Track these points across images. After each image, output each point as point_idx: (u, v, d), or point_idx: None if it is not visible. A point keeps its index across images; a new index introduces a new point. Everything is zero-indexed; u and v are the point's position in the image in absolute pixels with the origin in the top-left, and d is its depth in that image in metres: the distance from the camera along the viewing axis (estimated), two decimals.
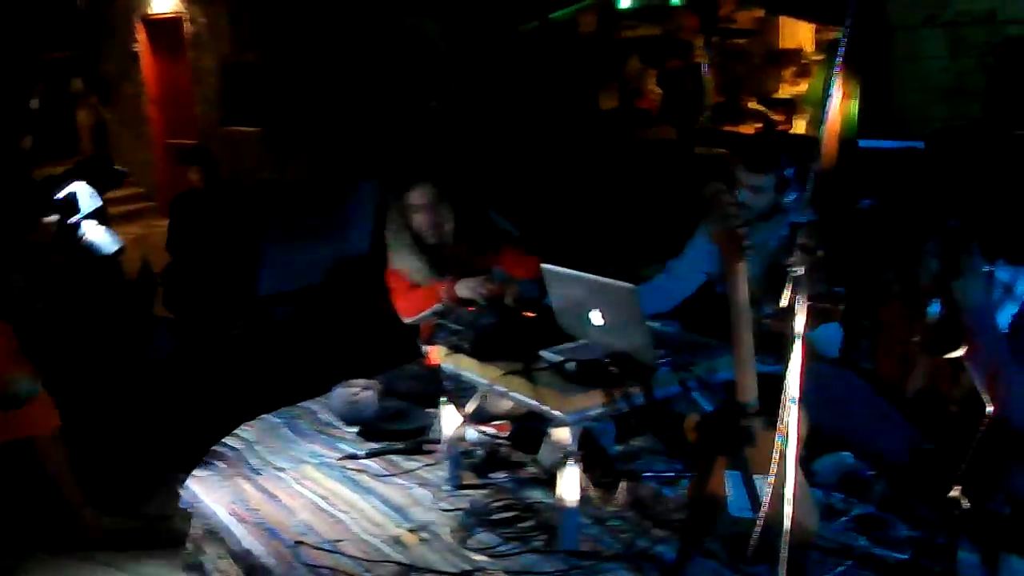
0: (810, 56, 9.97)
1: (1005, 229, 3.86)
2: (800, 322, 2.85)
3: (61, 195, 4.88)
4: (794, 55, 10.25)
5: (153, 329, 7.06)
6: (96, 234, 4.95)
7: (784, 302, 2.87)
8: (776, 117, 9.77)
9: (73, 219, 4.90)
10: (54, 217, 4.87)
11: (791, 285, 2.86)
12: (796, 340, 2.85)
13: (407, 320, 4.82)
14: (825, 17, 7.92)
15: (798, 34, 10.14)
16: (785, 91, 10.16)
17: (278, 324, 7.18)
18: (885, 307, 4.16)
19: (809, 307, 3.54)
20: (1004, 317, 3.78)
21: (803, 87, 9.67)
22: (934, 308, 3.67)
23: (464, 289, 4.54)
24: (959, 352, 3.36)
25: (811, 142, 3.16)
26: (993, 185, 5.04)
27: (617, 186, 8.31)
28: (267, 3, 11.95)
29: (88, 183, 4.99)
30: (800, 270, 2.86)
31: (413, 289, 4.81)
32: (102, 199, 5.07)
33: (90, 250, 4.95)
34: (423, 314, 4.74)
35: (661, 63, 11.06)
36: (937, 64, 6.65)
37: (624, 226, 7.36)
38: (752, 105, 11.05)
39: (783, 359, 2.90)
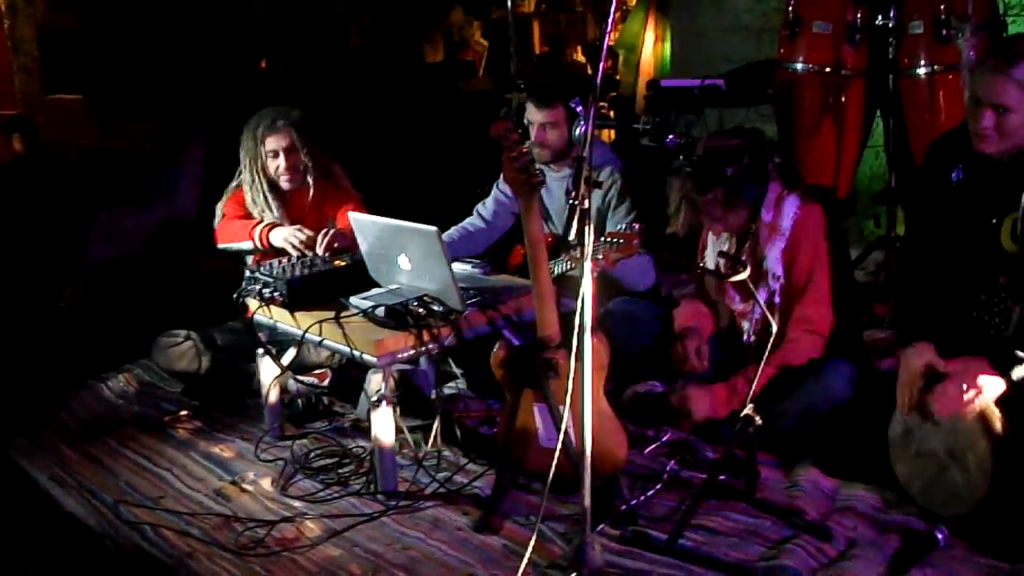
0: (631, 3, 10.09)
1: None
2: (588, 254, 2.92)
3: None
4: (618, 2, 10.34)
5: None
6: None
7: (572, 236, 2.94)
8: (602, 65, 9.87)
9: None
10: None
11: (577, 218, 2.92)
12: (586, 271, 2.92)
13: (219, 245, 4.77)
14: None
15: None
16: (609, 38, 10.26)
17: (107, 291, 7.07)
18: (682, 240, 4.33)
19: (603, 241, 3.66)
20: (774, 251, 3.96)
21: None
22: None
23: (278, 238, 4.52)
24: (742, 276, 3.50)
25: (602, 79, 3.22)
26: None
27: (440, 138, 8.34)
28: None
29: None
30: (585, 203, 2.93)
31: (236, 218, 4.74)
32: None
33: None
34: (233, 245, 4.69)
35: (485, 14, 11.09)
36: (743, 4, 6.83)
37: (447, 176, 7.41)
38: (577, 56, 11.18)
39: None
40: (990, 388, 3.13)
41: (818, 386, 3.93)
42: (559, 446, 3.08)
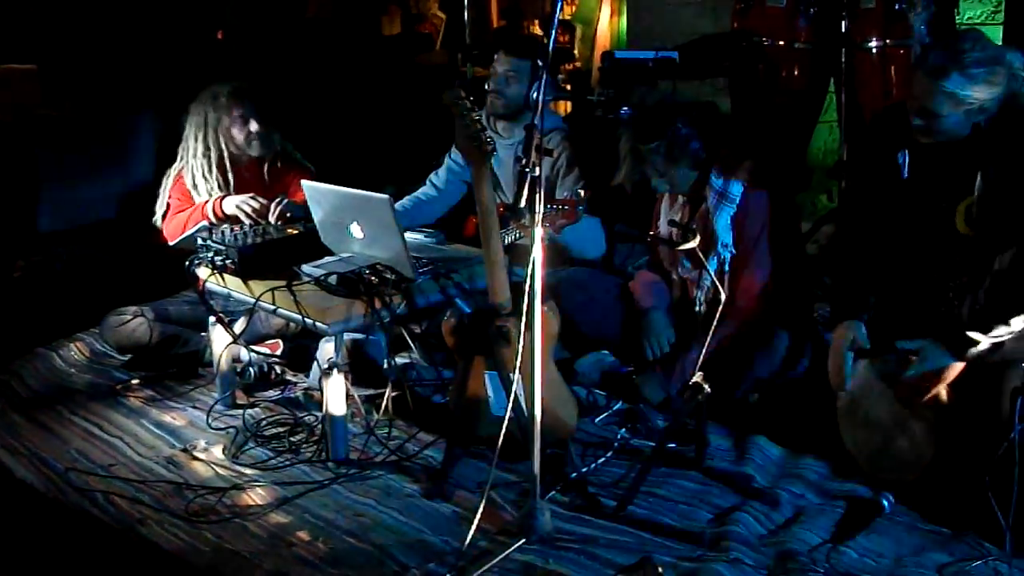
0: None
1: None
2: (538, 221, 2.94)
3: None
4: None
5: None
6: None
7: (522, 202, 2.95)
8: (560, 39, 9.87)
9: None
10: None
11: (528, 186, 2.94)
12: (536, 239, 2.93)
13: (172, 243, 4.73)
14: None
15: None
16: (567, 13, 10.25)
17: (61, 262, 7.02)
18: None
19: (550, 208, 3.68)
20: (723, 219, 4.00)
21: None
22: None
23: (231, 205, 4.50)
24: (692, 244, 3.53)
25: (558, 51, 3.25)
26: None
27: (396, 110, 8.32)
28: None
29: None
30: (536, 171, 2.94)
31: (180, 212, 4.74)
32: None
33: None
34: (186, 234, 4.66)
35: None
36: None
37: (403, 148, 7.40)
38: (534, 29, 11.14)
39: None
40: (949, 372, 3.17)
41: (766, 355, 3.98)
42: (509, 414, 3.10)
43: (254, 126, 4.63)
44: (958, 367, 3.16)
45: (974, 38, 3.35)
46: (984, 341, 3.08)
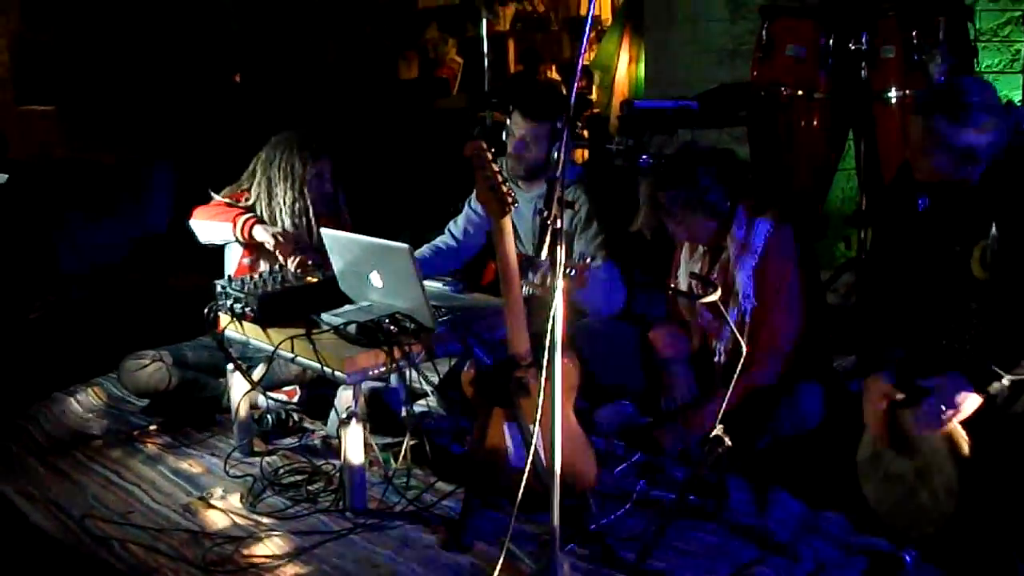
0: (606, 22, 10.13)
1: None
2: (560, 274, 2.93)
3: None
4: (593, 21, 10.38)
5: None
6: None
7: (544, 255, 2.95)
8: (578, 84, 9.89)
9: None
10: None
11: (549, 238, 2.94)
12: (558, 290, 2.93)
13: (192, 220, 4.71)
14: None
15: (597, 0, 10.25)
16: (584, 58, 10.28)
17: (76, 304, 7.04)
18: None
19: (571, 264, 3.68)
20: (745, 270, 3.99)
21: None
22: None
23: (260, 232, 4.49)
24: (713, 297, 3.52)
25: (577, 98, 3.25)
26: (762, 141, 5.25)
27: (414, 155, 8.35)
28: None
29: None
30: (558, 223, 2.94)
31: (221, 205, 4.70)
32: None
33: None
34: (208, 223, 4.65)
35: (461, 32, 11.12)
36: (717, 27, 6.87)
37: (421, 193, 7.42)
38: (551, 74, 11.20)
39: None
40: (968, 405, 3.15)
41: (788, 408, 3.97)
42: (529, 465, 3.08)
43: (328, 186, 4.71)
44: (975, 402, 3.14)
45: (973, 84, 3.35)
46: (1005, 379, 3.07)
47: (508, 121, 4.72)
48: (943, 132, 3.27)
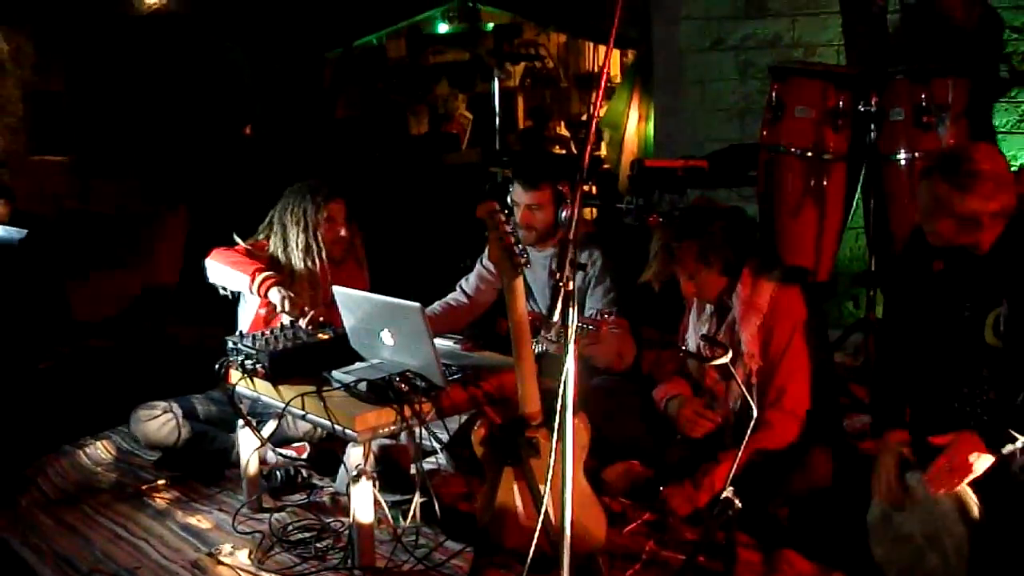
0: (616, 80, 10.19)
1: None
2: (571, 335, 2.94)
3: None
4: (603, 84, 10.42)
5: None
6: None
7: (556, 317, 2.96)
8: (589, 149, 9.93)
9: None
10: None
11: (562, 299, 2.95)
12: (569, 352, 2.93)
13: (208, 260, 4.73)
14: (621, 42, 8.12)
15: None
16: (596, 115, 10.32)
17: (87, 355, 7.06)
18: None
19: (588, 320, 3.70)
20: (749, 328, 4.01)
21: None
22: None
23: (275, 294, 4.51)
24: (724, 360, 3.52)
25: (581, 160, 3.28)
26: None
27: (425, 210, 8.39)
28: (72, 30, 11.71)
29: None
30: (570, 285, 2.95)
31: (239, 254, 4.73)
32: None
33: None
34: (224, 267, 4.67)
35: (470, 87, 11.20)
36: (726, 86, 6.93)
37: (432, 248, 7.45)
38: (560, 130, 11.26)
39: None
40: (980, 464, 3.15)
41: (797, 470, 3.96)
42: (539, 525, 3.08)
43: (343, 230, 4.74)
44: (987, 462, 3.14)
45: (980, 151, 3.36)
46: (1020, 441, 3.08)
47: (510, 193, 4.76)
48: (947, 198, 3.29)
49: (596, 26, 8.19)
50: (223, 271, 4.69)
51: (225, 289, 4.74)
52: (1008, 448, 3.12)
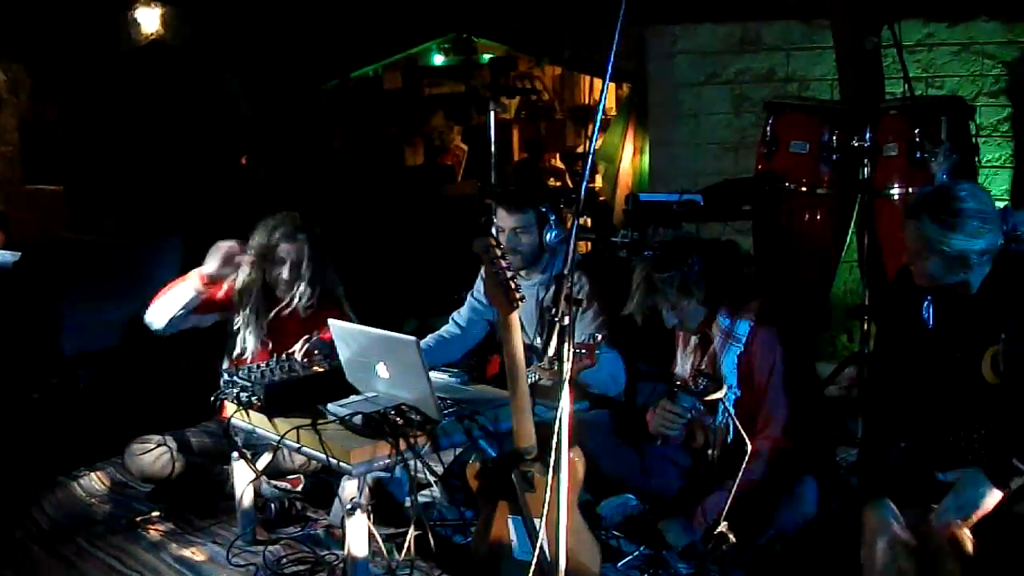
0: (611, 113, 10.23)
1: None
2: (567, 369, 2.95)
3: None
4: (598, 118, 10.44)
5: None
6: None
7: (552, 351, 2.98)
8: (586, 184, 9.97)
9: None
10: None
11: (557, 335, 2.96)
12: (564, 386, 2.94)
13: (150, 307, 4.75)
14: (616, 75, 8.15)
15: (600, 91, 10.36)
16: (590, 146, 10.35)
17: (81, 386, 7.04)
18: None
19: (580, 344, 3.71)
20: (729, 359, 4.02)
21: None
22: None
23: (210, 265, 4.62)
24: (718, 395, 3.54)
25: (579, 192, 3.31)
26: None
27: (420, 242, 8.41)
28: (69, 60, 11.75)
29: None
30: (565, 320, 2.96)
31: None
32: None
33: None
34: (162, 296, 4.70)
35: (466, 119, 11.24)
36: (721, 120, 6.97)
37: (427, 280, 7.46)
38: (555, 162, 11.30)
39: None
40: (990, 501, 3.14)
41: (789, 503, 3.96)
42: (534, 559, 3.08)
43: (286, 273, 4.71)
44: (996, 498, 3.14)
45: (966, 189, 3.37)
46: None
47: (495, 219, 4.78)
48: (934, 237, 3.30)
49: (591, 59, 8.21)
50: (165, 300, 4.69)
51: (188, 314, 4.74)
52: (1016, 482, 3.11)
